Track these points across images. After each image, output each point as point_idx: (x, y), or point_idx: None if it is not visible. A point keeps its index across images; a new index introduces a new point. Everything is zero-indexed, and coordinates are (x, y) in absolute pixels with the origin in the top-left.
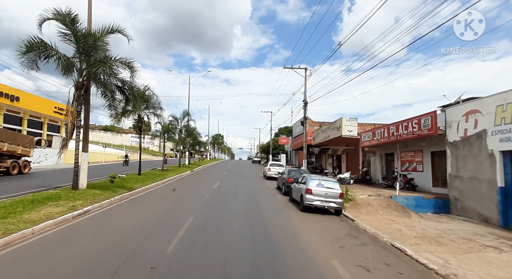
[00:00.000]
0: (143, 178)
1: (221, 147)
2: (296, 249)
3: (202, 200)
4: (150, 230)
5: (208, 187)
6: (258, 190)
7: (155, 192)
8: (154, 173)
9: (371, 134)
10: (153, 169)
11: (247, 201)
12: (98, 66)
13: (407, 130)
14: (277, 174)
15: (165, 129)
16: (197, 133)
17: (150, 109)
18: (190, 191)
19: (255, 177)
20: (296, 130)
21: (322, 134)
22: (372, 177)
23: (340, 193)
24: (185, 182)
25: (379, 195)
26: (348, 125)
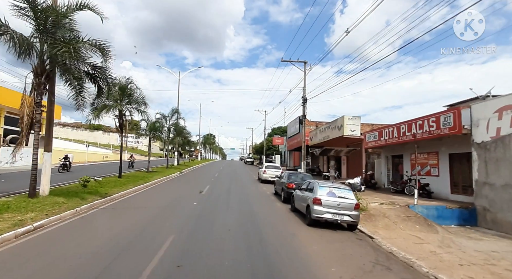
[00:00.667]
0: (124, 181)
1: (212, 147)
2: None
3: (188, 210)
4: (111, 260)
5: (196, 192)
6: (254, 196)
7: (134, 199)
8: (138, 175)
9: (377, 134)
10: (138, 170)
11: (242, 211)
12: (60, 47)
13: (422, 129)
14: (274, 177)
15: (151, 128)
16: (186, 133)
17: (133, 105)
18: (175, 198)
19: (248, 180)
20: (291, 130)
21: (321, 134)
22: (377, 181)
23: (355, 204)
24: (171, 185)
25: (392, 203)
26: (350, 124)
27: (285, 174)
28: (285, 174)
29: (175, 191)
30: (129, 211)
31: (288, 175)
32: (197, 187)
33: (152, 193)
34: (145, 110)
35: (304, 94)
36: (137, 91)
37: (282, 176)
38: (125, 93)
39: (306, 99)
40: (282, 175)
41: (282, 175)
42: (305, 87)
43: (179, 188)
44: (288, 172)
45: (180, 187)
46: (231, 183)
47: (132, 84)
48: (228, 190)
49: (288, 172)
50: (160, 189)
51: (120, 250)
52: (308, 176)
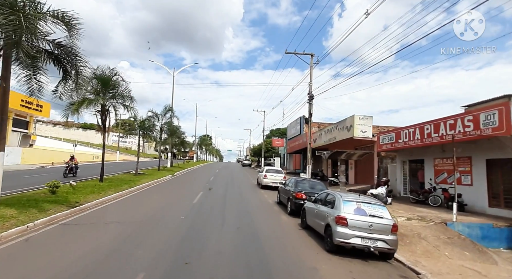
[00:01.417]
0: (105, 186)
1: (209, 148)
2: None
3: (172, 227)
4: None
5: (186, 201)
6: (254, 206)
7: (109, 209)
8: (124, 178)
9: (394, 136)
10: (126, 173)
11: (241, 230)
12: (6, 14)
13: (454, 130)
14: (275, 182)
15: (141, 126)
16: (181, 133)
17: (118, 99)
18: (160, 208)
19: (247, 185)
20: (291, 131)
21: (326, 135)
22: (392, 188)
23: (392, 225)
24: (159, 191)
25: (421, 218)
26: (361, 124)
27: (291, 180)
28: (291, 181)
29: (162, 198)
30: (95, 229)
31: (295, 182)
32: (189, 193)
33: (134, 201)
34: (132, 106)
35: (310, 90)
36: (122, 84)
37: (288, 182)
38: (108, 86)
39: (313, 96)
40: (288, 182)
41: (287, 181)
42: (311, 82)
43: (168, 195)
44: (295, 179)
45: (169, 194)
46: (227, 189)
47: (118, 76)
48: (224, 198)
49: (295, 179)
50: (145, 195)
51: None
52: (319, 183)
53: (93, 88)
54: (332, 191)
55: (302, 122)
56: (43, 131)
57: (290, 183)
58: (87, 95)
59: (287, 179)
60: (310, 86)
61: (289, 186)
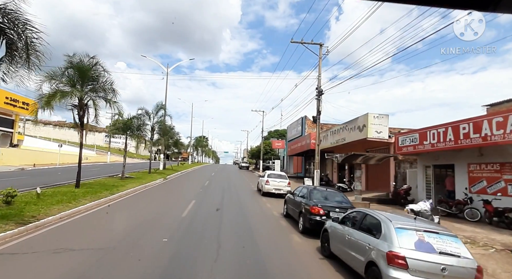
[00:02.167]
0: (80, 193)
1: (205, 150)
2: None
3: (149, 258)
4: None
5: (174, 213)
6: (257, 220)
7: (72, 227)
8: (107, 183)
9: (418, 137)
10: (112, 176)
11: (242, 258)
12: None
13: (503, 130)
14: (279, 189)
15: (127, 125)
16: (174, 133)
17: (99, 92)
18: (138, 225)
19: (246, 191)
20: (291, 133)
21: (333, 137)
22: (413, 197)
23: (477, 269)
24: (144, 199)
25: (471, 240)
26: (376, 124)
27: (302, 189)
28: (302, 190)
29: (145, 209)
30: (30, 265)
31: (309, 191)
32: (179, 202)
33: (111, 213)
34: (115, 101)
35: (318, 84)
36: (104, 75)
37: (298, 192)
38: (87, 77)
39: (322, 91)
40: (298, 191)
41: (297, 190)
42: (320, 76)
43: (154, 204)
44: (308, 187)
45: (155, 202)
46: (224, 197)
47: (98, 66)
48: (220, 209)
49: (307, 187)
50: (127, 205)
51: None
52: (337, 193)
53: (68, 78)
54: (371, 211)
55: (304, 123)
56: (32, 131)
57: (300, 192)
58: (62, 88)
59: (298, 188)
60: (319, 80)
61: (299, 196)
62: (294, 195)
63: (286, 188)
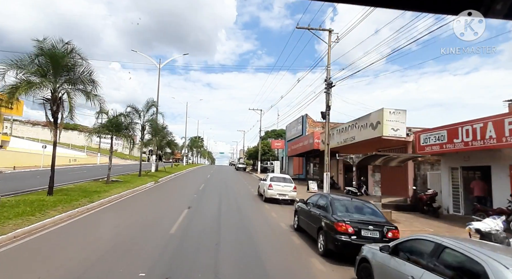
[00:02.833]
0: (50, 202)
1: (200, 150)
2: None
3: None
4: None
5: (161, 228)
6: (263, 237)
7: (23, 252)
8: (88, 189)
9: (446, 134)
10: (97, 180)
11: None
12: None
13: None
14: (283, 194)
15: (113, 123)
16: (166, 133)
17: (78, 85)
18: (111, 248)
19: (246, 197)
20: (291, 132)
21: (340, 135)
22: (439, 205)
23: None
24: (127, 208)
25: None
26: (392, 121)
27: (320, 198)
28: (321, 199)
29: (124, 224)
30: None
31: (330, 201)
32: (168, 212)
33: (83, 228)
34: (96, 94)
35: (328, 76)
36: (82, 64)
37: (313, 201)
38: (61, 66)
39: (331, 84)
40: (313, 200)
41: (312, 200)
42: (329, 66)
43: (137, 216)
44: (328, 197)
45: (139, 213)
46: (221, 203)
47: (74, 54)
48: (216, 221)
49: (329, 197)
50: (104, 217)
51: None
52: (365, 204)
53: (38, 67)
54: (452, 241)
55: (305, 122)
56: (20, 131)
57: (316, 201)
58: (31, 78)
59: (313, 197)
60: (328, 71)
61: (315, 206)
62: (308, 205)
63: (291, 193)
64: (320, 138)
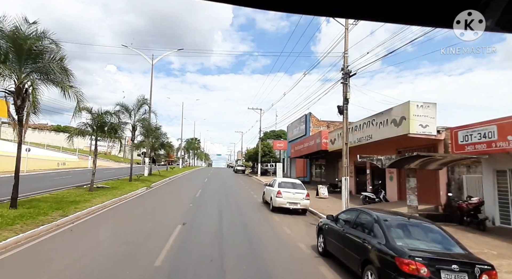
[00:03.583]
0: (10, 217)
1: (197, 152)
2: None
3: None
4: None
5: (145, 256)
6: (281, 266)
7: None
8: (66, 198)
9: (496, 129)
10: (80, 186)
11: None
12: None
13: None
14: (294, 203)
15: (98, 121)
16: (160, 134)
17: (50, 74)
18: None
19: (249, 204)
20: (293, 133)
21: (353, 135)
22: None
23: None
24: (107, 224)
25: None
26: (421, 115)
27: (360, 215)
28: (362, 216)
29: (97, 250)
30: None
31: (378, 220)
32: (157, 229)
33: (28, 262)
34: (71, 85)
35: (345, 63)
36: (52, 50)
37: (353, 220)
38: (25, 51)
39: (349, 74)
40: (353, 219)
41: (353, 218)
42: (346, 52)
43: (116, 236)
44: (376, 214)
45: (121, 231)
46: (222, 217)
47: (44, 39)
48: (218, 244)
49: (376, 214)
50: (71, 241)
51: None
52: (428, 226)
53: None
54: None
55: (308, 121)
56: (8, 134)
57: (354, 220)
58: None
59: (347, 211)
60: (345, 58)
61: (352, 227)
62: (338, 222)
63: (304, 201)
64: (328, 138)
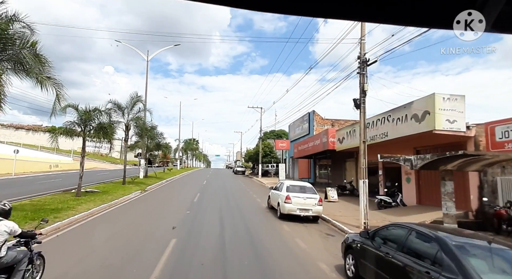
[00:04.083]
0: None
1: (195, 153)
2: None
3: None
4: None
5: None
6: None
7: None
8: (48, 205)
9: None
10: (68, 191)
11: None
12: None
13: None
14: (306, 209)
15: (85, 118)
16: (156, 134)
17: (24, 64)
18: None
19: (254, 211)
20: (295, 132)
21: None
22: None
23: None
24: (86, 237)
25: None
26: (447, 109)
27: (413, 234)
28: (421, 238)
29: (82, 264)
30: None
31: (446, 246)
32: (145, 248)
33: None
34: (48, 76)
35: (361, 50)
36: (24, 36)
37: (401, 240)
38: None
39: (367, 62)
40: (398, 238)
41: (398, 236)
42: (363, 38)
43: (94, 257)
44: (440, 234)
45: (101, 249)
46: (224, 227)
47: (15, 22)
48: (221, 265)
49: (441, 234)
50: (58, 250)
51: None
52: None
53: None
54: None
55: (312, 119)
56: (2, 136)
57: (404, 241)
58: None
59: (386, 227)
60: (362, 45)
61: (401, 250)
62: (374, 241)
63: (316, 207)
64: (336, 137)
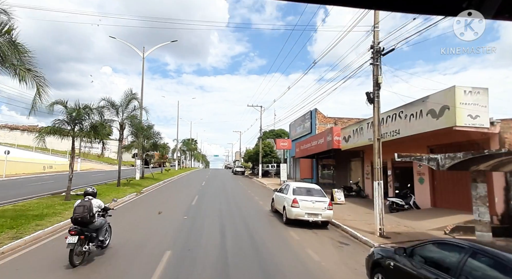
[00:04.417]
0: None
1: (194, 153)
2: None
3: None
4: None
5: None
6: None
7: None
8: (34, 209)
9: None
10: (56, 194)
11: None
12: None
13: None
14: (315, 214)
15: (74, 117)
16: (152, 133)
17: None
18: None
19: (257, 215)
20: (296, 131)
21: (372, 131)
22: None
23: None
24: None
25: None
26: (469, 104)
27: (467, 254)
28: (478, 261)
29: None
30: None
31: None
32: (134, 266)
33: None
34: (29, 68)
35: (375, 39)
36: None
37: (454, 263)
38: None
39: (382, 52)
40: (449, 260)
41: (448, 257)
42: (377, 24)
43: (78, 274)
44: (501, 256)
45: (87, 265)
46: (224, 234)
47: None
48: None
49: (501, 256)
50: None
51: None
52: None
53: None
54: None
55: (314, 118)
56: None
57: (457, 264)
58: None
59: (427, 243)
60: (375, 33)
61: (451, 274)
62: (414, 260)
63: (326, 212)
64: (341, 135)
